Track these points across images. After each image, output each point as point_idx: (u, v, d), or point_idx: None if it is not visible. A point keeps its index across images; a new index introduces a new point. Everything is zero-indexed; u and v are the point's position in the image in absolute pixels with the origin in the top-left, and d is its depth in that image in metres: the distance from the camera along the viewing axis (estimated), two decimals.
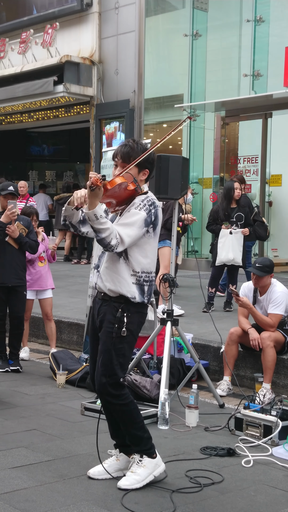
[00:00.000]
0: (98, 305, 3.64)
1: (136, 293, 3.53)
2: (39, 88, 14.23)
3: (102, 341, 3.55)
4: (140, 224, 3.46)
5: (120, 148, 3.63)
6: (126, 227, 3.44)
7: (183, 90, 13.48)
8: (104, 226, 3.34)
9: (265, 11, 12.18)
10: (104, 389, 3.53)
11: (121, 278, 3.51)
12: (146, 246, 3.55)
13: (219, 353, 6.02)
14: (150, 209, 3.51)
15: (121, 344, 3.52)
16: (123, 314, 3.51)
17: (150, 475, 3.59)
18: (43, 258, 6.75)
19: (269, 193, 12.52)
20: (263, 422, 4.46)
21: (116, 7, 14.07)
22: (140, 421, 3.63)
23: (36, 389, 5.76)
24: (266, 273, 5.57)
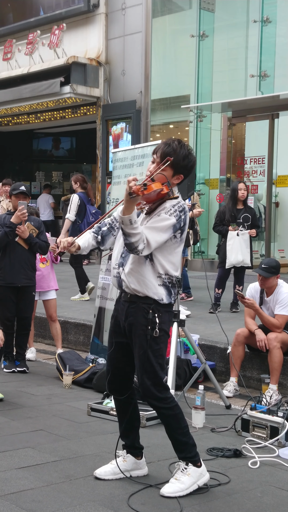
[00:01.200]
0: (124, 307, 3.56)
1: (163, 295, 3.49)
2: (46, 89, 14.26)
3: (137, 344, 3.49)
4: (168, 230, 3.42)
5: (162, 146, 3.53)
6: (155, 232, 3.39)
7: (189, 90, 13.48)
8: (136, 231, 3.29)
9: (272, 12, 12.17)
10: (149, 392, 3.49)
11: (147, 280, 3.46)
12: (172, 250, 3.50)
13: (226, 354, 6.01)
14: (180, 215, 3.47)
15: (157, 345, 3.49)
16: (154, 314, 3.47)
17: (194, 484, 3.52)
18: (44, 259, 6.74)
19: (276, 194, 12.50)
20: (269, 423, 4.45)
21: (123, 8, 14.09)
22: (184, 427, 3.57)
23: (42, 389, 5.77)
24: (272, 274, 5.56)
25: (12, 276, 6.24)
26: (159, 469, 3.89)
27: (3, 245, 6.22)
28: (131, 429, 3.72)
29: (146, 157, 6.22)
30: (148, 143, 6.50)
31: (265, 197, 12.21)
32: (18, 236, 6.21)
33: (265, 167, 12.07)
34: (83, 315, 7.87)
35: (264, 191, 12.30)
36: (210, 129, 13.30)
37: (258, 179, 12.50)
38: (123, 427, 3.75)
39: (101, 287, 6.64)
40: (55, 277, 7.00)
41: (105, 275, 6.60)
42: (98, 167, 14.66)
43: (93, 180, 17.82)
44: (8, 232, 6.12)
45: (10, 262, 6.24)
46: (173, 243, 3.50)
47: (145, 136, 13.74)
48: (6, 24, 16.76)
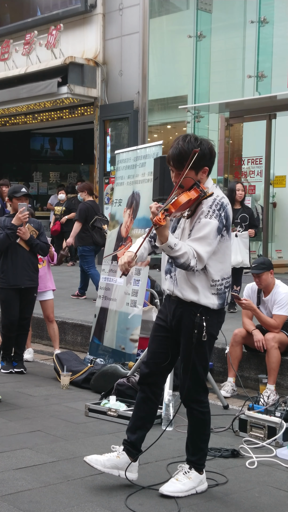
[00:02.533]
0: (173, 305, 3.50)
1: (216, 303, 3.43)
2: (43, 90, 14.26)
3: (183, 346, 3.46)
4: (214, 235, 3.31)
5: (170, 152, 3.38)
6: (201, 242, 3.29)
7: (187, 91, 13.49)
8: (181, 252, 3.22)
9: (269, 12, 12.17)
10: (190, 394, 3.49)
11: (200, 289, 3.38)
12: (223, 251, 3.42)
13: (224, 354, 6.01)
14: (220, 213, 3.33)
15: (203, 348, 3.44)
16: (202, 318, 3.40)
17: (193, 489, 3.52)
18: (41, 260, 6.75)
19: (273, 194, 12.51)
20: (267, 423, 4.45)
21: (120, 8, 14.09)
22: (207, 434, 3.59)
23: (40, 390, 5.77)
24: (262, 270, 5.57)
25: (15, 278, 6.25)
26: (157, 470, 3.89)
27: (4, 248, 6.23)
28: (141, 427, 3.63)
29: (149, 157, 6.23)
30: (151, 144, 6.50)
31: (262, 197, 12.21)
32: (19, 238, 6.22)
33: (263, 167, 12.07)
34: (81, 315, 7.87)
35: (261, 191, 12.30)
36: (208, 129, 13.31)
37: (255, 180, 12.49)
38: (135, 422, 3.63)
39: (104, 287, 6.64)
40: (52, 278, 7.00)
41: (109, 275, 6.60)
42: (96, 167, 14.65)
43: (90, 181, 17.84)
44: (9, 234, 6.13)
45: (13, 264, 6.25)
46: (222, 242, 3.39)
47: (143, 137, 13.74)
48: (3, 25, 16.76)
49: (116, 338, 6.31)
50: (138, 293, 6.06)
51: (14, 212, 6.27)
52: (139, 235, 6.15)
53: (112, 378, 5.41)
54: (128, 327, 6.12)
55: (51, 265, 7.00)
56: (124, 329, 6.19)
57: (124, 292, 6.29)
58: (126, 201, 6.64)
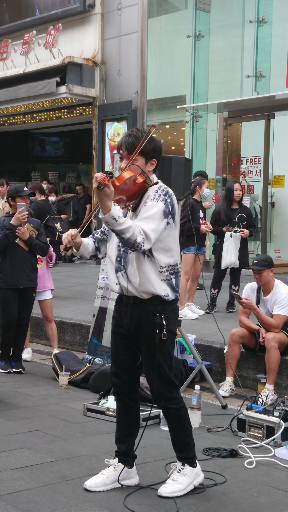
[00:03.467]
0: (128, 308, 3.47)
1: (168, 290, 3.40)
2: (42, 89, 14.25)
3: (145, 348, 3.44)
4: (160, 216, 3.29)
5: (124, 139, 3.43)
6: (148, 221, 3.26)
7: (185, 91, 13.49)
8: (126, 226, 3.15)
9: (268, 12, 12.18)
10: (160, 393, 3.47)
11: (150, 277, 3.35)
12: (168, 239, 3.39)
13: (222, 354, 6.01)
14: (166, 198, 3.35)
15: (165, 346, 3.43)
16: (161, 316, 3.38)
17: (191, 484, 3.52)
18: (39, 260, 6.74)
19: (272, 194, 12.51)
20: (265, 423, 4.45)
21: (118, 8, 14.09)
22: (188, 428, 3.58)
23: (38, 390, 5.76)
24: (264, 267, 5.57)
25: (14, 278, 6.25)
26: (155, 470, 3.89)
27: (3, 248, 6.23)
28: (129, 435, 3.64)
29: None
30: None
31: (261, 197, 12.22)
32: (18, 238, 6.22)
33: (261, 167, 12.08)
34: (79, 315, 7.87)
35: (260, 191, 12.30)
36: (206, 129, 13.31)
37: (254, 179, 12.50)
38: (122, 432, 3.65)
39: (103, 287, 6.64)
40: (50, 277, 7.00)
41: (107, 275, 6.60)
42: (94, 167, 14.65)
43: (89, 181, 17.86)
44: (8, 234, 6.13)
45: (11, 264, 6.25)
46: (168, 230, 3.37)
47: None
48: (1, 24, 16.75)
49: None
50: None
51: (14, 212, 6.26)
52: None
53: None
54: None
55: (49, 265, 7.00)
56: None
57: None
58: None
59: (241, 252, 8.12)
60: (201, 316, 7.88)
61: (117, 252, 3.47)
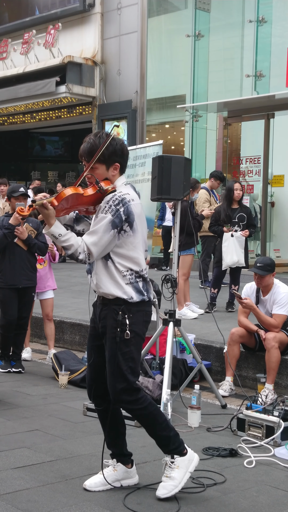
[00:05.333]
0: (98, 309, 3.48)
1: (132, 293, 3.35)
2: (42, 89, 14.25)
3: (107, 347, 3.38)
4: (105, 229, 3.26)
5: (82, 147, 3.39)
6: (91, 235, 3.29)
7: (185, 90, 13.49)
8: (68, 243, 3.25)
9: (267, 12, 12.19)
10: (119, 396, 3.38)
11: (112, 281, 3.35)
12: (127, 246, 3.35)
13: (222, 354, 6.01)
14: (117, 208, 3.28)
15: (127, 347, 3.35)
16: (124, 316, 3.34)
17: (186, 473, 3.45)
18: (42, 260, 6.73)
19: (272, 194, 12.52)
20: (265, 422, 4.45)
21: (118, 7, 14.08)
22: (163, 421, 3.46)
23: (38, 389, 5.77)
24: (267, 272, 5.57)
25: (13, 277, 6.25)
26: (155, 469, 3.89)
27: (2, 247, 6.23)
28: (117, 436, 3.60)
29: (148, 157, 6.23)
30: (151, 143, 6.49)
31: (260, 197, 12.23)
32: (16, 237, 6.22)
33: (261, 167, 12.09)
34: (79, 315, 7.87)
35: (259, 191, 12.31)
36: (206, 129, 13.32)
37: (253, 179, 12.51)
38: (109, 436, 3.61)
39: None
40: (53, 277, 7.00)
41: None
42: None
43: None
44: (6, 234, 6.13)
45: (10, 264, 6.25)
46: (125, 237, 3.33)
47: (141, 136, 13.74)
48: (1, 24, 16.76)
49: None
50: None
51: (13, 212, 6.27)
52: None
53: None
54: None
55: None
56: None
57: None
58: None
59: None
60: (201, 315, 7.88)
61: None
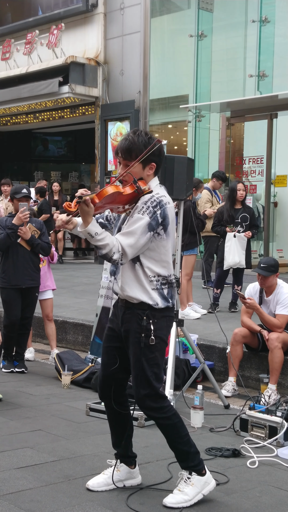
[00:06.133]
0: (121, 312, 3.42)
1: (158, 299, 3.31)
2: (45, 89, 14.26)
3: (131, 352, 3.34)
4: (142, 231, 3.21)
5: (120, 144, 3.33)
6: (128, 236, 3.21)
7: (188, 90, 13.48)
8: (103, 243, 3.15)
9: (271, 12, 12.17)
10: (145, 403, 3.33)
11: (139, 285, 3.30)
12: (159, 250, 3.31)
13: (225, 354, 6.01)
14: (155, 211, 3.23)
15: (152, 353, 3.31)
16: (149, 321, 3.29)
17: (199, 494, 3.36)
18: (41, 260, 6.75)
19: (275, 194, 12.50)
20: (268, 423, 4.45)
21: (121, 7, 14.08)
22: (184, 435, 3.39)
23: (41, 389, 5.77)
24: (271, 272, 5.56)
25: (16, 278, 6.25)
26: (157, 469, 3.89)
27: (5, 247, 6.24)
28: (123, 438, 3.59)
29: None
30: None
31: (263, 197, 12.21)
32: (20, 237, 6.23)
33: (264, 167, 12.08)
34: (82, 315, 7.87)
35: (262, 191, 12.30)
36: (209, 129, 13.30)
37: (256, 179, 12.50)
38: (116, 437, 3.60)
39: (106, 286, 6.64)
40: (52, 277, 7.00)
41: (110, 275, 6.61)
42: (97, 167, 14.65)
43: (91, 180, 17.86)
44: (10, 234, 6.14)
45: (14, 264, 6.26)
46: (158, 240, 3.29)
47: None
48: (4, 24, 16.77)
49: None
50: None
51: (16, 212, 6.28)
52: None
53: None
54: None
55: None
56: None
57: None
58: None
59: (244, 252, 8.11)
60: (204, 315, 7.87)
61: None
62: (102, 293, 6.71)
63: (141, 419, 4.70)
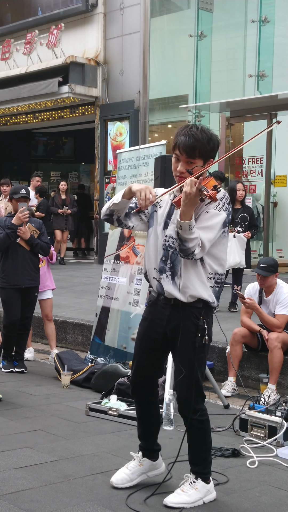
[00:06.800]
0: (166, 311, 3.34)
1: (213, 297, 3.31)
2: (44, 89, 14.25)
3: (182, 351, 3.30)
4: (220, 227, 3.22)
5: (182, 139, 3.20)
6: (208, 231, 3.18)
7: (188, 90, 13.48)
8: (194, 236, 3.10)
9: (270, 12, 12.17)
10: (188, 402, 3.31)
11: (201, 282, 3.26)
12: (220, 247, 3.31)
13: (224, 354, 6.01)
14: (228, 207, 3.25)
15: (203, 353, 3.33)
16: (204, 320, 3.28)
17: (200, 500, 3.37)
18: (40, 260, 6.75)
19: (274, 194, 12.50)
20: (268, 423, 4.45)
21: (121, 7, 14.08)
22: (209, 443, 3.42)
23: (41, 389, 5.77)
24: (271, 272, 5.56)
25: (16, 278, 6.26)
26: None
27: (5, 247, 6.24)
28: (150, 432, 3.60)
29: (151, 157, 6.23)
30: (154, 144, 6.50)
31: (263, 197, 12.22)
32: (19, 237, 6.23)
33: (263, 167, 12.08)
34: (82, 315, 7.87)
35: (262, 191, 12.30)
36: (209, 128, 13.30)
37: (256, 179, 12.50)
38: (144, 430, 3.60)
39: (106, 286, 6.65)
40: (51, 277, 7.00)
41: (110, 275, 6.61)
42: (97, 167, 14.65)
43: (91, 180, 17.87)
44: (9, 234, 6.14)
45: (13, 264, 6.26)
46: (222, 237, 3.30)
47: (144, 136, 13.73)
48: (4, 24, 16.76)
49: (118, 337, 6.32)
50: (141, 292, 6.07)
51: (15, 212, 6.29)
52: (142, 234, 6.15)
53: (113, 378, 5.41)
54: (130, 326, 6.12)
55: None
56: (126, 328, 6.19)
57: (126, 292, 6.30)
58: None
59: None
60: None
61: (163, 252, 3.32)
62: (101, 293, 6.71)
63: None
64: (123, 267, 6.46)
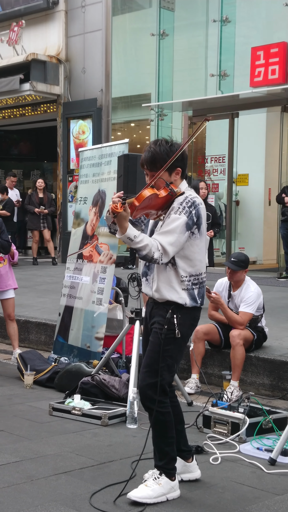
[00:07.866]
0: (150, 308, 3.55)
1: (186, 299, 3.41)
2: (5, 86, 14.11)
3: (150, 342, 3.45)
4: (181, 230, 3.32)
5: (143, 157, 3.47)
6: (167, 235, 3.31)
7: (150, 89, 13.51)
8: (142, 244, 3.25)
9: (231, 12, 12.28)
10: (146, 392, 3.38)
11: (169, 287, 3.40)
12: (192, 248, 3.41)
13: (187, 351, 6.03)
14: (191, 210, 3.35)
15: (169, 345, 3.39)
16: (173, 315, 3.38)
17: (163, 496, 3.38)
18: (2, 259, 6.67)
19: (236, 193, 12.63)
20: (230, 419, 4.49)
21: (82, 5, 14.02)
22: (171, 437, 3.45)
23: (3, 390, 5.71)
24: (240, 267, 5.62)
25: None
26: (121, 467, 3.89)
27: None
28: (176, 434, 3.57)
29: (114, 156, 6.21)
30: (117, 142, 6.48)
31: (225, 195, 12.32)
32: None
33: (226, 166, 12.19)
34: (45, 314, 7.82)
35: (224, 189, 12.41)
36: (171, 127, 13.35)
37: (218, 178, 12.60)
38: None
39: (69, 286, 6.61)
40: (13, 276, 6.92)
41: (74, 274, 6.57)
42: (59, 165, 14.56)
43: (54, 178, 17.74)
44: None
45: None
46: (192, 240, 3.39)
47: (106, 135, 13.71)
48: None
49: (81, 336, 6.29)
50: (104, 291, 6.05)
51: None
52: (105, 233, 6.13)
53: (76, 377, 5.39)
54: (94, 325, 6.10)
55: None
56: (89, 327, 6.17)
57: (90, 291, 6.27)
58: (91, 199, 6.61)
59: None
60: None
61: None
62: (65, 292, 6.67)
63: (104, 418, 4.70)
64: (86, 266, 6.44)
